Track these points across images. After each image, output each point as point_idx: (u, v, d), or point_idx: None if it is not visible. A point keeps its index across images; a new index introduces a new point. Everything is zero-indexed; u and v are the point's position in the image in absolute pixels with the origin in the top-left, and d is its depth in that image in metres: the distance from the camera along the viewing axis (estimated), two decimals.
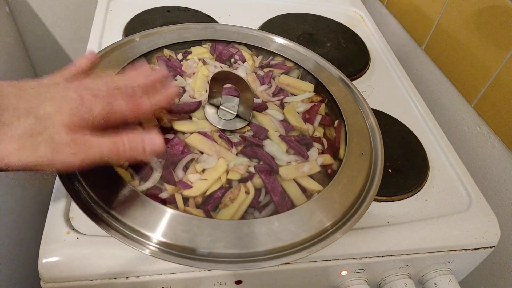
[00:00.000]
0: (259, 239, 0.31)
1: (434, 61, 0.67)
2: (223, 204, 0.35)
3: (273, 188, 0.36)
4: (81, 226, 0.37)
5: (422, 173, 0.47)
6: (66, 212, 0.38)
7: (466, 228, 0.43)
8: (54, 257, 0.34)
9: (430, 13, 0.67)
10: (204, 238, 0.31)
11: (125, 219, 0.31)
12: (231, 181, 0.36)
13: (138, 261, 0.35)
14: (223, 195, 0.35)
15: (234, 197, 0.35)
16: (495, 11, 0.54)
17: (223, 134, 0.39)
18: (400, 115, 0.54)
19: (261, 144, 0.39)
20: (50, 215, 0.37)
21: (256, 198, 0.35)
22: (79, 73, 0.33)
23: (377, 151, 0.41)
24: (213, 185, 0.35)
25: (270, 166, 0.37)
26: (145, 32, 0.49)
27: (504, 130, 0.53)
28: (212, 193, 0.35)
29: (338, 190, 0.36)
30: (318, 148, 0.41)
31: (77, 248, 0.35)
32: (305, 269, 0.39)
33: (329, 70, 0.50)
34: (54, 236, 0.36)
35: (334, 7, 0.76)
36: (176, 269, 0.36)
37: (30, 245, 0.75)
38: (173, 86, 0.35)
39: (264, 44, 0.51)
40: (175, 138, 0.38)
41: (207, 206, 0.34)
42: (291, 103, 0.45)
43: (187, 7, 0.66)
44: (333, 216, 0.34)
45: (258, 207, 0.35)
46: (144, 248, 0.30)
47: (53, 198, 0.38)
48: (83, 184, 0.32)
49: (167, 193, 0.34)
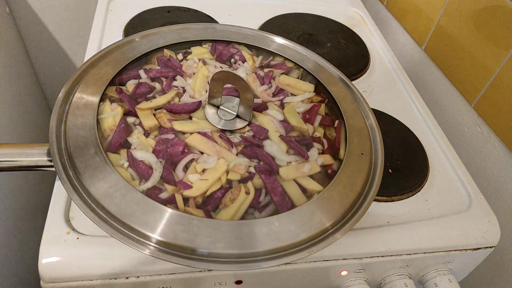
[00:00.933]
0: (259, 239, 0.31)
1: (434, 61, 0.67)
2: (223, 204, 0.35)
3: (273, 188, 0.36)
4: (81, 226, 0.37)
5: (422, 173, 0.47)
6: (66, 212, 0.38)
7: (466, 228, 0.43)
8: (54, 257, 0.34)
9: (430, 13, 0.67)
10: (204, 239, 0.31)
11: (125, 219, 0.31)
12: (231, 181, 0.36)
13: (138, 261, 0.35)
14: (223, 195, 0.35)
15: (234, 197, 0.35)
16: (495, 11, 0.54)
17: (223, 134, 0.39)
18: (400, 115, 0.54)
19: (261, 145, 0.39)
20: (50, 215, 0.37)
21: (256, 199, 0.35)
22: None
23: (377, 151, 0.41)
24: (213, 185, 0.35)
25: (270, 166, 0.37)
26: (145, 32, 0.49)
27: (504, 130, 0.53)
28: (212, 193, 0.35)
29: (338, 190, 0.36)
30: (318, 148, 0.41)
31: (77, 248, 0.35)
32: (305, 269, 0.39)
33: (329, 70, 0.50)
34: (54, 236, 0.36)
35: (334, 7, 0.76)
36: (176, 269, 0.36)
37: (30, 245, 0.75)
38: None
39: (264, 44, 0.51)
40: (175, 138, 0.38)
41: (207, 206, 0.34)
42: (291, 103, 0.45)
43: (187, 7, 0.66)
44: (333, 216, 0.34)
45: (258, 207, 0.35)
46: (144, 248, 0.30)
47: (53, 198, 0.38)
48: (83, 183, 0.32)
49: (167, 193, 0.34)
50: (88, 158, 0.34)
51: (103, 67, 0.42)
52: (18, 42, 0.86)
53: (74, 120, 0.36)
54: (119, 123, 0.38)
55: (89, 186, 0.32)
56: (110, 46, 0.45)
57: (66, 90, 0.39)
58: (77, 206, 0.31)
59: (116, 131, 0.37)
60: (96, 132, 0.36)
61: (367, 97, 0.57)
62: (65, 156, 0.34)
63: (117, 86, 0.42)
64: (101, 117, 0.38)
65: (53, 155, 0.34)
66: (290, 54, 0.50)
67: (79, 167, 0.33)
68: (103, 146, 0.35)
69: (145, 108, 0.40)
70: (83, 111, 0.37)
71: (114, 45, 0.46)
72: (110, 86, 0.41)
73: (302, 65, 0.48)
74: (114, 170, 0.33)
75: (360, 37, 0.68)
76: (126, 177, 0.34)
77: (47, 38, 0.89)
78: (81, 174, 0.33)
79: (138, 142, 0.37)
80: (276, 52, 0.50)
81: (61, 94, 0.39)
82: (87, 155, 0.34)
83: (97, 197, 0.32)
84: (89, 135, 0.35)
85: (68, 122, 0.36)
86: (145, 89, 0.42)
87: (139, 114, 0.39)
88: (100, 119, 0.38)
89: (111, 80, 0.41)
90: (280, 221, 0.33)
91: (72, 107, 0.38)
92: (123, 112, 0.39)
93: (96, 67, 0.42)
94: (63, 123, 0.36)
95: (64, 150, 0.34)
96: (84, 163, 0.33)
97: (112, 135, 0.37)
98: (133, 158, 0.36)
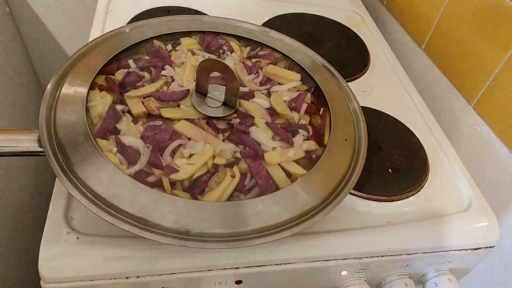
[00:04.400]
0: (245, 220, 0.33)
1: (434, 61, 0.67)
2: (210, 187, 0.35)
3: (258, 172, 0.37)
4: (81, 226, 0.37)
5: (422, 173, 0.47)
6: (66, 213, 0.38)
7: (466, 228, 0.43)
8: (54, 257, 0.34)
9: (429, 13, 0.67)
10: (189, 219, 0.32)
11: (112, 200, 0.32)
12: (218, 166, 0.37)
13: (138, 261, 0.35)
14: (210, 179, 0.36)
15: (220, 180, 0.36)
16: (494, 11, 0.54)
17: (210, 121, 0.40)
18: (400, 115, 0.54)
19: (247, 131, 0.40)
20: (50, 215, 0.37)
21: (241, 182, 0.36)
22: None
23: (361, 137, 0.43)
24: (200, 169, 0.36)
25: (256, 152, 0.38)
26: (134, 24, 0.50)
27: (504, 130, 0.53)
28: (198, 177, 0.36)
29: (321, 174, 0.37)
30: (303, 135, 0.42)
31: (77, 248, 0.35)
32: (305, 269, 0.39)
33: (315, 60, 0.51)
34: (54, 236, 0.36)
35: (333, 7, 0.76)
36: (177, 269, 0.36)
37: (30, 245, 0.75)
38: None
39: (253, 35, 0.52)
40: (163, 125, 0.39)
41: (194, 190, 0.35)
42: (278, 92, 0.46)
43: (187, 7, 0.66)
44: (316, 198, 0.35)
45: (243, 190, 0.36)
46: (134, 228, 0.31)
47: (53, 198, 0.38)
48: (72, 168, 0.33)
49: (154, 177, 0.35)
50: (77, 143, 0.34)
51: (93, 57, 0.43)
52: (18, 43, 0.86)
53: (64, 107, 0.37)
54: (108, 110, 0.38)
55: (79, 170, 0.33)
56: (100, 36, 0.46)
57: (56, 79, 0.40)
58: (66, 188, 0.32)
59: (105, 118, 0.38)
60: (85, 118, 0.36)
61: (367, 97, 0.57)
62: (55, 142, 0.35)
63: (106, 75, 0.42)
64: (90, 104, 0.39)
65: (43, 141, 0.34)
66: (277, 45, 0.51)
67: (68, 153, 0.34)
68: (92, 133, 0.36)
69: (133, 96, 0.41)
70: (72, 99, 0.38)
71: (104, 36, 0.46)
72: (100, 76, 0.42)
73: (289, 55, 0.50)
74: (102, 155, 0.34)
75: (360, 37, 0.68)
76: (114, 162, 0.35)
77: (47, 39, 0.90)
78: (71, 159, 0.33)
79: (127, 129, 0.38)
80: (263, 43, 0.51)
81: (51, 83, 0.40)
82: (76, 140, 0.35)
83: (87, 181, 0.32)
84: (78, 121, 0.36)
85: (58, 110, 0.37)
86: (134, 78, 0.43)
87: (128, 101, 0.40)
88: (89, 106, 0.39)
89: (101, 70, 0.42)
90: (264, 203, 0.34)
91: (62, 95, 0.38)
92: (112, 100, 0.40)
93: (86, 57, 0.43)
94: (53, 110, 0.37)
95: (54, 136, 0.35)
96: (74, 148, 0.34)
97: (101, 122, 0.38)
98: (121, 143, 0.36)
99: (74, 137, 0.35)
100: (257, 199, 0.34)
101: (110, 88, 0.41)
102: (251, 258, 0.37)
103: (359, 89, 0.58)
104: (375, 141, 0.49)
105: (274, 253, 0.38)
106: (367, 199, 0.43)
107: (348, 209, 0.43)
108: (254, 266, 0.38)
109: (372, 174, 0.45)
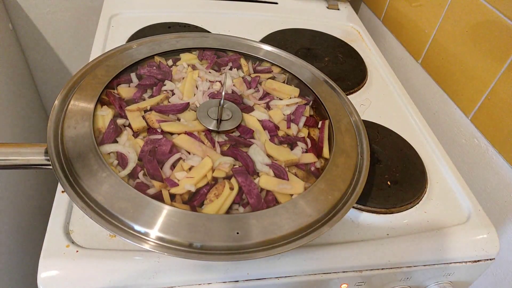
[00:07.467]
0: (249, 233, 0.33)
1: (430, 75, 0.68)
2: (209, 199, 0.36)
3: (249, 190, 0.37)
4: (81, 240, 0.37)
5: (421, 185, 0.48)
6: (66, 226, 0.38)
7: (466, 241, 0.43)
8: (54, 270, 0.34)
9: (426, 27, 0.68)
10: (194, 232, 0.32)
11: (114, 210, 0.32)
12: (217, 179, 0.37)
13: (138, 274, 0.35)
14: (209, 191, 0.36)
15: (219, 193, 0.36)
16: (489, 25, 0.55)
17: (208, 134, 0.41)
18: (398, 128, 0.55)
19: (247, 144, 0.41)
20: (50, 228, 0.37)
21: (240, 194, 0.37)
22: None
23: (363, 150, 0.43)
24: (199, 182, 0.37)
25: (247, 169, 0.38)
26: (142, 40, 0.51)
27: (501, 142, 0.54)
28: (198, 190, 0.36)
29: (325, 186, 0.37)
30: (302, 147, 0.42)
31: (76, 261, 0.35)
32: (306, 282, 0.39)
33: (315, 74, 0.52)
34: (54, 249, 0.35)
35: (331, 23, 0.77)
36: (176, 282, 0.36)
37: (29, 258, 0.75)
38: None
39: (252, 51, 0.53)
40: (163, 138, 0.39)
41: (193, 202, 0.35)
42: (277, 105, 0.48)
43: (187, 23, 0.68)
44: (319, 211, 0.35)
45: (242, 203, 0.36)
46: (142, 243, 0.31)
47: (53, 211, 0.39)
48: (80, 184, 0.33)
49: (154, 189, 0.35)
50: (83, 157, 0.35)
51: (98, 73, 0.44)
52: (20, 58, 0.87)
53: (70, 122, 0.38)
54: (109, 124, 0.39)
55: (86, 184, 0.33)
56: (107, 52, 0.47)
57: (63, 94, 0.41)
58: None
59: (105, 132, 0.39)
60: (92, 132, 0.37)
61: (365, 110, 0.58)
62: (61, 155, 0.35)
63: (107, 90, 0.43)
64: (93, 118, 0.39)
65: (50, 154, 0.35)
66: (277, 60, 0.52)
67: (75, 166, 0.34)
68: (99, 146, 0.36)
69: (134, 110, 0.42)
70: (79, 114, 0.39)
71: (112, 51, 0.48)
72: (104, 90, 0.43)
73: (289, 69, 0.51)
74: (109, 168, 0.34)
75: (358, 51, 0.69)
76: (120, 175, 0.35)
77: (49, 54, 0.91)
78: (77, 172, 0.34)
79: (128, 143, 0.39)
80: (263, 58, 0.53)
81: (58, 99, 0.40)
82: (82, 154, 0.35)
83: (93, 195, 0.33)
84: (85, 137, 0.37)
85: (65, 125, 0.38)
86: (136, 92, 0.44)
87: (128, 115, 0.41)
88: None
89: (106, 86, 0.43)
90: (267, 216, 0.34)
91: (69, 111, 0.39)
92: (113, 114, 0.41)
93: (91, 73, 0.44)
94: (60, 126, 0.38)
95: (61, 149, 0.36)
96: (80, 162, 0.35)
97: (102, 136, 0.38)
98: (121, 155, 0.37)
99: (81, 151, 0.35)
100: (260, 212, 0.34)
101: (111, 102, 0.42)
102: (251, 271, 0.37)
103: (357, 102, 0.58)
104: (373, 154, 0.49)
105: (274, 266, 0.38)
106: (366, 211, 0.44)
107: (348, 221, 0.43)
108: (253, 279, 0.37)
109: (371, 186, 0.45)
